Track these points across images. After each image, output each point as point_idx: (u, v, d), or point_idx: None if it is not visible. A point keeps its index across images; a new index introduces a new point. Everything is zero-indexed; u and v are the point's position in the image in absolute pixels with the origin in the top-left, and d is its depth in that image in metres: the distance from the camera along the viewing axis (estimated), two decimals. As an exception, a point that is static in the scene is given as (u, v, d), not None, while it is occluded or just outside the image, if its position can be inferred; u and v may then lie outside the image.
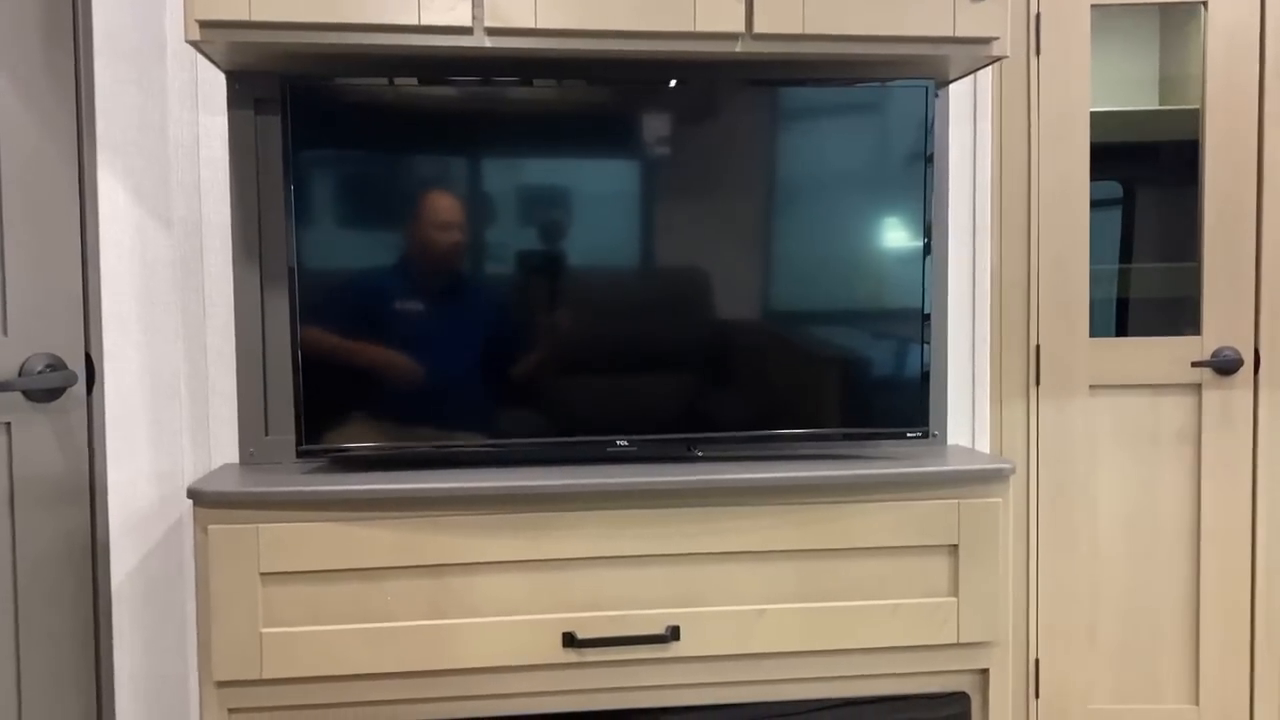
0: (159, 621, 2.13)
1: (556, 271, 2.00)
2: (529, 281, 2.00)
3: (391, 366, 1.95)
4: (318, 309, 1.92)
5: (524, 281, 2.00)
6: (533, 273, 2.00)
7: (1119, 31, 2.85)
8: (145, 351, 2.08)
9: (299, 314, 1.91)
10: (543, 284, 2.00)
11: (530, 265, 2.00)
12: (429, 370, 1.97)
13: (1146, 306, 2.80)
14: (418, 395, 1.97)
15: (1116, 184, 2.95)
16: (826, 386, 2.07)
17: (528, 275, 2.00)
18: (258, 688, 1.82)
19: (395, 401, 1.96)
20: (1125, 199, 2.92)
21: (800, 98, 2.01)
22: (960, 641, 1.97)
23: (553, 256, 1.99)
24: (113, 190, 2.04)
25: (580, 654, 1.87)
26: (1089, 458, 2.59)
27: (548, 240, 1.99)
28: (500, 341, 2.00)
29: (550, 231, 1.99)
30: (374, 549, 1.82)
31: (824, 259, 2.05)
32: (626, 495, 1.87)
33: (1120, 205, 2.92)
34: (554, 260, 2.00)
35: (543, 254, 1.99)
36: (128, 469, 2.08)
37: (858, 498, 1.93)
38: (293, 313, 1.91)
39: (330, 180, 1.92)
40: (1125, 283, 2.84)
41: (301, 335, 1.91)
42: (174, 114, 2.07)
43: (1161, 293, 2.78)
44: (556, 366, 2.01)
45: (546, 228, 1.98)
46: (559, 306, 2.01)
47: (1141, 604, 2.61)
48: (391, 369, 1.95)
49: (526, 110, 1.96)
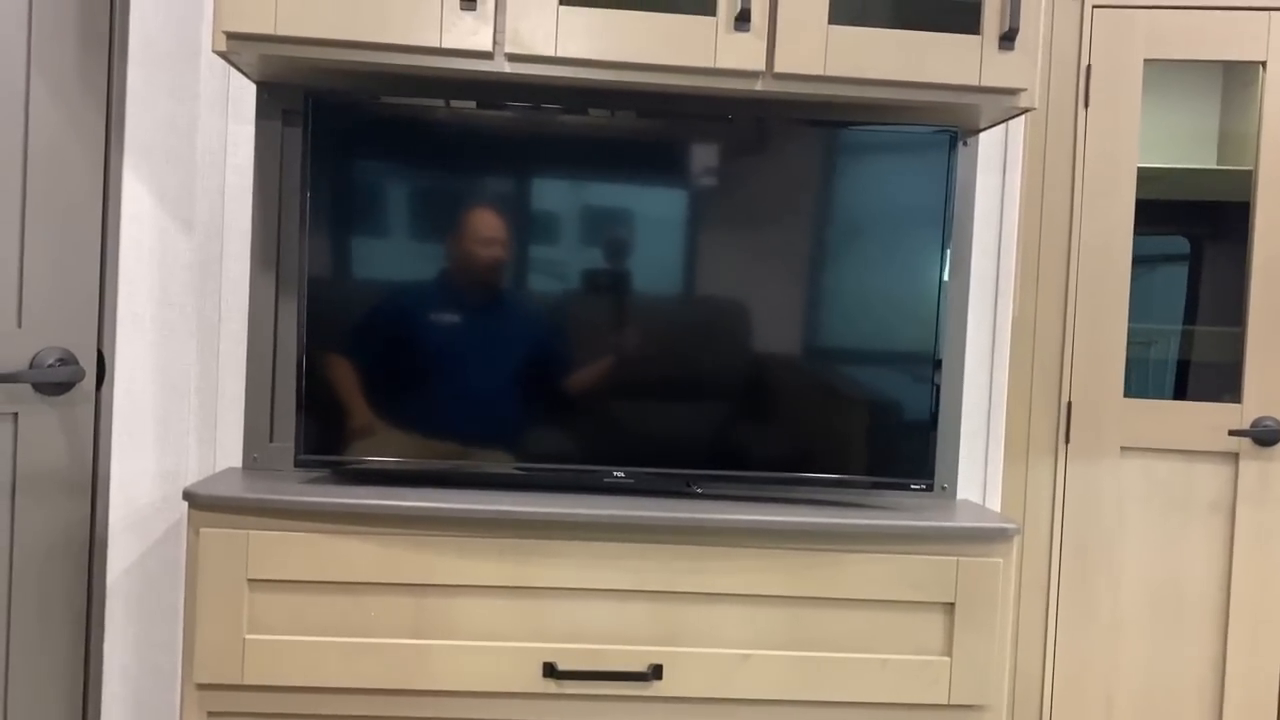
0: (152, 619, 2.15)
1: (560, 298, 2.00)
2: (546, 306, 2.01)
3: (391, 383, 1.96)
4: (325, 319, 1.94)
5: (526, 307, 2.01)
6: (535, 298, 2.01)
7: (1179, 87, 2.79)
8: (158, 351, 2.12)
9: (306, 323, 1.93)
10: (544, 310, 2.01)
11: (533, 290, 2.00)
12: (431, 389, 1.98)
13: (1204, 370, 2.72)
14: (415, 414, 1.98)
15: (1183, 239, 2.89)
16: (835, 432, 2.04)
17: (547, 300, 2.01)
18: (238, 693, 1.83)
19: (392, 418, 1.97)
20: (1193, 256, 2.85)
21: (830, 140, 1.99)
22: (951, 703, 1.91)
23: (558, 281, 2.00)
24: (137, 192, 2.09)
25: (560, 685, 1.86)
26: (1116, 521, 2.52)
27: (559, 268, 1.99)
28: (501, 365, 2.00)
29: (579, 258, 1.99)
30: (359, 564, 1.82)
31: (836, 302, 2.02)
32: (615, 527, 1.85)
33: (1187, 262, 2.85)
34: (558, 285, 2.00)
35: (550, 279, 2.00)
36: (132, 466, 2.12)
37: (853, 547, 1.89)
38: (300, 322, 1.93)
39: (347, 193, 1.94)
40: (1189, 344, 2.77)
41: (307, 345, 1.93)
42: (204, 121, 2.11)
43: (1213, 357, 2.71)
44: (554, 394, 2.01)
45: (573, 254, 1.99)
46: (559, 333, 2.01)
47: (1163, 677, 2.53)
48: (391, 386, 1.96)
49: (549, 135, 1.97)
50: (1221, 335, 2.65)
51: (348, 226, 1.95)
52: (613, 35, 1.85)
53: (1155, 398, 2.64)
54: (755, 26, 1.86)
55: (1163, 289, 2.86)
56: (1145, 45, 2.49)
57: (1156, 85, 2.57)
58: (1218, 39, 2.49)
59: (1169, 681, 2.53)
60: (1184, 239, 2.87)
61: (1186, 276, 2.86)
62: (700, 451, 2.02)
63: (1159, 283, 2.86)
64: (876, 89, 1.90)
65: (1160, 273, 2.86)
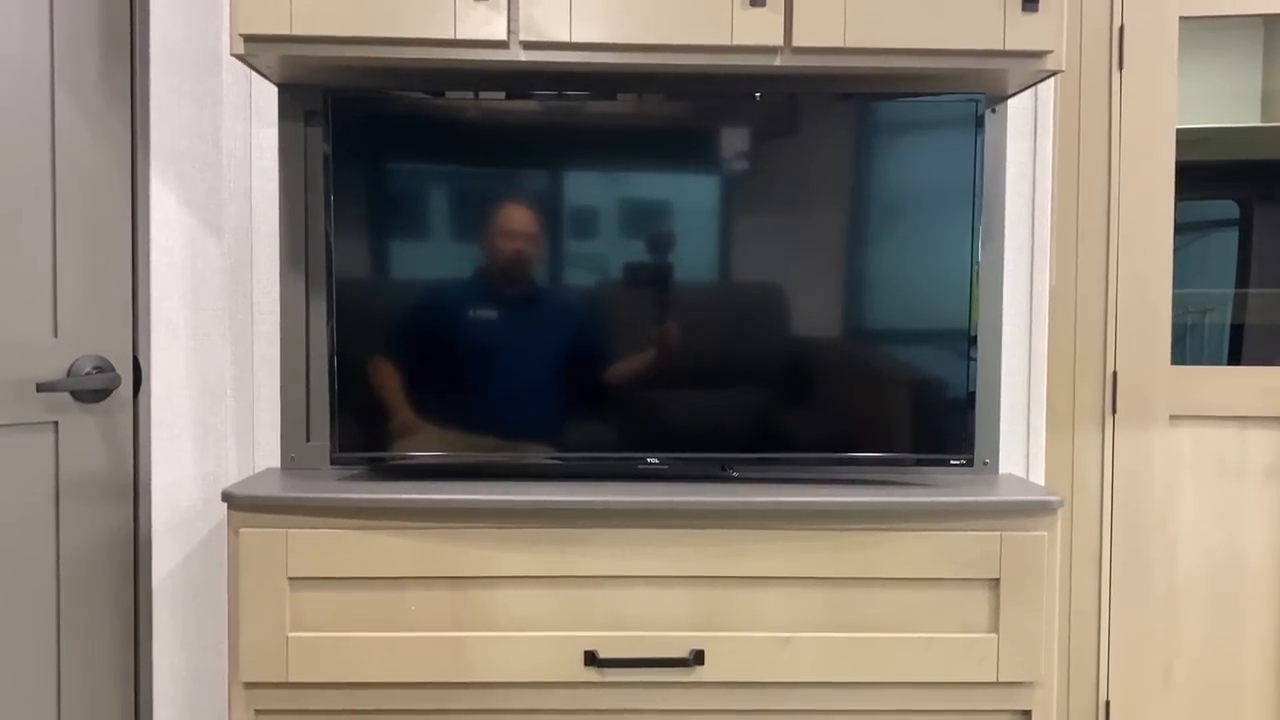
0: (198, 620, 2.18)
1: (593, 287, 2.00)
2: (565, 298, 2.00)
3: (424, 379, 1.96)
4: (355, 317, 1.94)
5: (560, 298, 2.00)
6: (568, 289, 2.00)
7: (1218, 45, 2.72)
8: (192, 356, 2.14)
9: (336, 322, 1.94)
10: (578, 300, 2.00)
11: (567, 280, 1.99)
12: (464, 383, 1.98)
13: (1259, 333, 2.65)
14: (452, 407, 1.98)
15: (1232, 203, 2.82)
16: (870, 410, 2.01)
17: (565, 291, 2.00)
18: (283, 690, 1.85)
19: (427, 413, 1.97)
20: (1242, 219, 2.78)
21: (847, 113, 1.96)
22: (1000, 680, 1.88)
23: (591, 271, 1.99)
24: (165, 198, 2.11)
25: (601, 673, 1.85)
26: (1168, 492, 2.46)
27: (587, 259, 1.98)
28: (534, 358, 1.99)
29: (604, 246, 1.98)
30: (399, 559, 1.83)
31: (871, 278, 1.99)
32: (653, 514, 1.85)
33: (1237, 226, 2.78)
34: (591, 275, 1.99)
35: (585, 270, 1.99)
36: (173, 470, 2.14)
37: (893, 525, 1.86)
38: (329, 321, 1.94)
39: (370, 190, 1.94)
40: (1241, 308, 2.70)
41: (338, 343, 1.94)
42: (227, 125, 2.13)
43: (1269, 319, 2.64)
44: (588, 384, 2.00)
45: (605, 243, 1.97)
46: (594, 322, 2.00)
47: (1222, 647, 2.47)
48: (424, 381, 1.96)
49: (577, 124, 1.96)
50: (1276, 297, 2.58)
51: (373, 224, 1.95)
52: (627, 17, 1.83)
53: (1210, 364, 2.57)
54: (771, 1, 1.83)
55: (1216, 254, 2.79)
56: (1180, 2, 2.42)
57: (1193, 44, 2.50)
58: (1255, -8, 2.42)
59: (1229, 651, 2.47)
60: (1232, 202, 2.79)
61: (1237, 239, 2.79)
62: (735, 435, 2.01)
63: (1212, 248, 2.78)
64: (898, 58, 1.86)
65: (1213, 238, 2.79)
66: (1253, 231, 2.76)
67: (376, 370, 1.96)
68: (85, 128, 1.98)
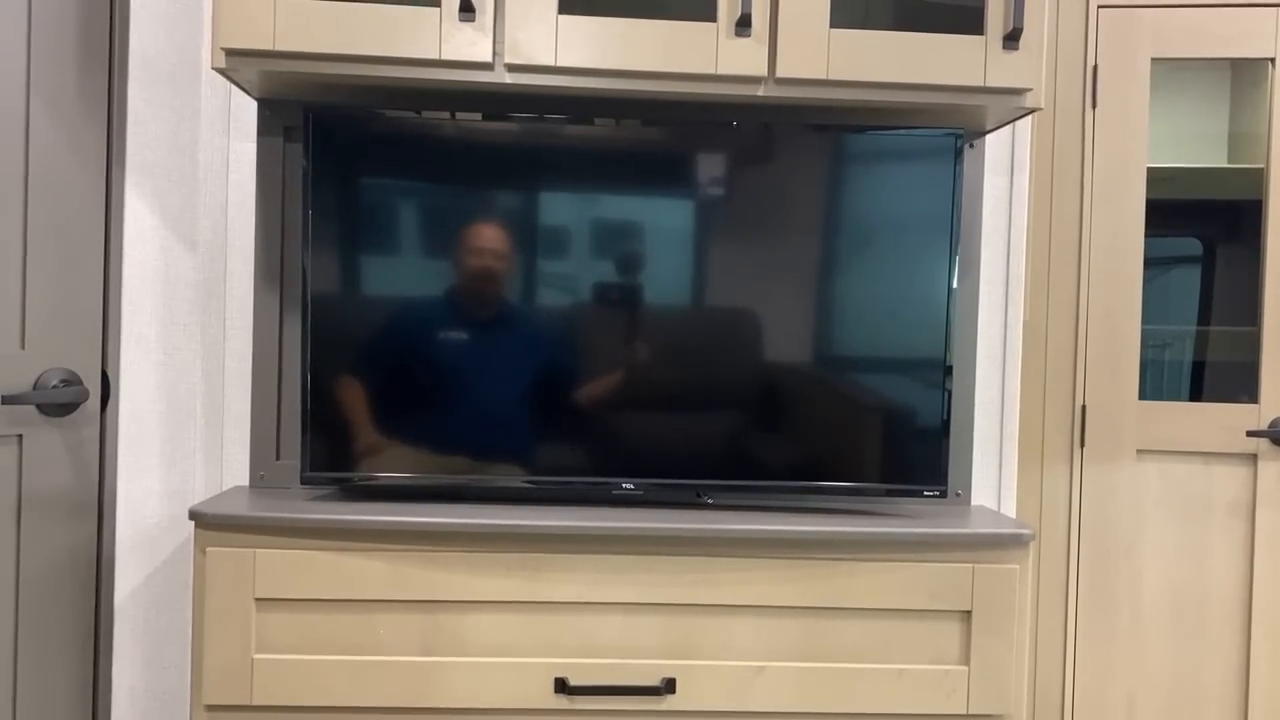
0: (160, 640, 2.14)
1: (582, 312, 1.98)
2: (552, 320, 1.99)
3: (396, 400, 1.95)
4: (329, 336, 1.93)
5: (547, 320, 1.99)
6: (542, 311, 1.99)
7: (1187, 86, 2.76)
8: (163, 371, 2.11)
9: (310, 340, 1.92)
10: (552, 323, 1.99)
11: (541, 303, 1.98)
12: (437, 405, 1.96)
13: (1219, 370, 2.68)
14: (424, 429, 1.96)
15: (1196, 241, 2.86)
16: (847, 440, 2.01)
17: (552, 313, 1.99)
18: (247, 713, 1.81)
19: (401, 434, 1.96)
20: (1206, 257, 2.82)
21: (835, 144, 1.97)
22: (970, 713, 1.88)
23: (566, 293, 1.98)
24: (139, 211, 2.08)
25: (571, 700, 1.83)
26: (1134, 525, 2.48)
27: (563, 281, 1.97)
28: (508, 380, 1.98)
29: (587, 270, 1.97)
30: (368, 581, 1.81)
31: (848, 307, 2.00)
32: (626, 540, 1.83)
33: (1200, 263, 2.82)
34: (566, 298, 1.98)
35: (558, 291, 1.98)
36: (138, 486, 2.10)
37: (867, 555, 1.86)
38: (304, 338, 1.92)
39: (348, 208, 1.93)
40: (1203, 345, 2.73)
41: (311, 362, 1.92)
42: (205, 138, 2.11)
43: (1222, 356, 2.67)
44: (562, 407, 1.99)
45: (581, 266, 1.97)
46: (568, 346, 1.99)
47: (1186, 682, 2.49)
48: (397, 402, 1.95)
49: (555, 147, 1.95)
50: (1236, 335, 2.62)
51: (350, 242, 1.94)
52: (613, 43, 1.84)
53: (1171, 399, 2.60)
54: (756, 31, 1.84)
55: (1178, 291, 2.83)
56: (1152, 44, 2.46)
57: (1164, 85, 2.54)
58: (1225, 36, 2.46)
59: (1192, 687, 2.49)
60: (1196, 239, 2.83)
61: (1200, 277, 2.83)
62: (710, 462, 2.00)
63: (1174, 284, 2.82)
64: (880, 92, 1.88)
65: (1175, 275, 2.83)
66: (1215, 270, 2.80)
67: (349, 389, 1.94)
68: (59, 136, 1.95)
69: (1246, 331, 2.54)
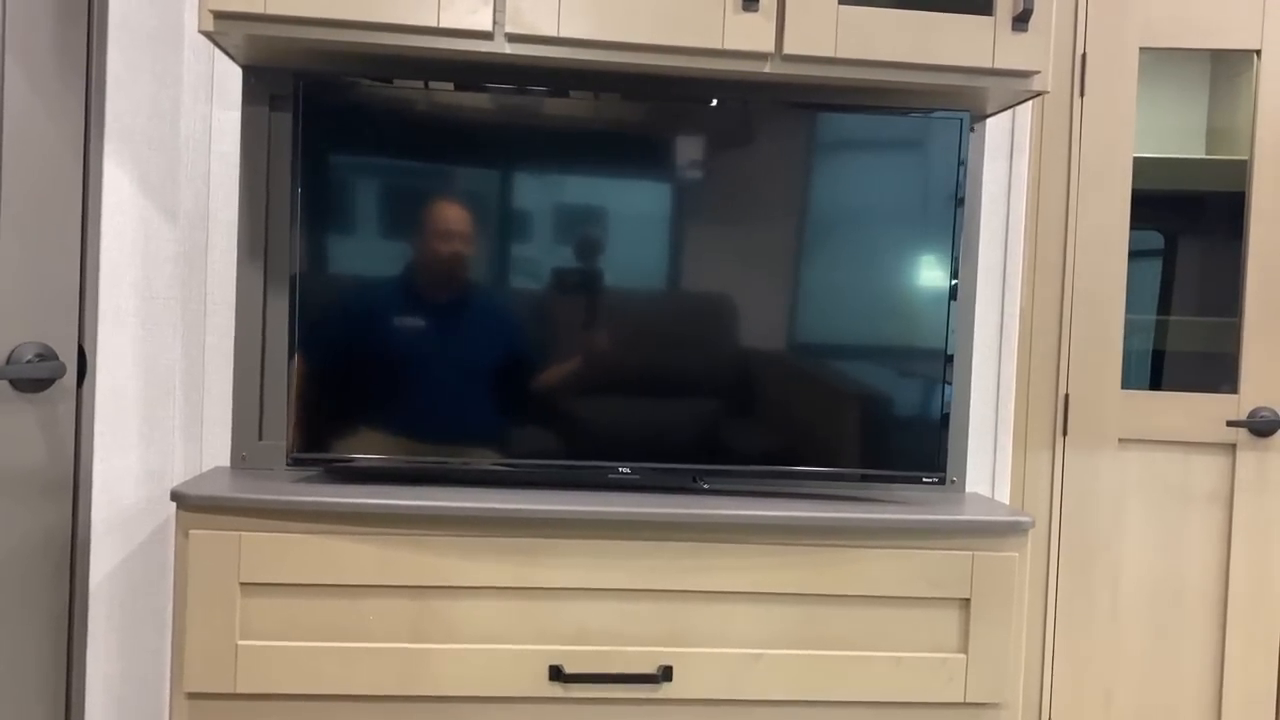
0: (137, 625, 2.08)
1: (568, 291, 1.94)
2: (539, 300, 1.94)
3: (388, 381, 1.89)
4: (317, 315, 1.87)
5: (534, 300, 1.94)
6: (543, 292, 1.93)
7: (1167, 77, 2.77)
8: (141, 346, 2.04)
9: (298, 318, 1.86)
10: (552, 304, 1.94)
11: (542, 284, 1.93)
12: (428, 386, 1.91)
13: (1182, 360, 2.70)
14: (416, 410, 1.92)
15: (1157, 234, 2.87)
16: (842, 424, 1.99)
17: (538, 294, 1.94)
18: (230, 702, 1.77)
19: (392, 415, 1.91)
20: (1166, 249, 2.83)
21: (831, 124, 1.94)
22: (967, 701, 1.87)
23: (566, 275, 1.93)
24: (118, 180, 2.01)
25: (566, 689, 1.80)
26: (1115, 514, 2.49)
27: (561, 259, 1.93)
28: (505, 360, 1.94)
29: (569, 250, 1.93)
30: (357, 566, 1.76)
31: (847, 293, 1.97)
32: (622, 525, 1.80)
33: (1161, 255, 2.83)
34: (567, 279, 1.93)
35: (556, 272, 1.93)
36: (115, 465, 2.04)
37: (867, 542, 1.84)
38: (292, 317, 1.86)
39: (340, 183, 1.87)
40: (1162, 334, 2.75)
41: (299, 340, 1.86)
42: (187, 105, 2.04)
43: (1198, 347, 2.69)
44: (559, 388, 1.95)
45: (563, 246, 1.92)
46: (567, 327, 1.95)
47: (1162, 670, 2.50)
48: (388, 383, 1.89)
49: (553, 124, 1.90)
50: (1195, 325, 2.63)
51: (342, 218, 1.88)
52: (617, 15, 1.79)
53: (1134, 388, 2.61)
54: (764, 7, 1.80)
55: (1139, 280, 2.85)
56: (1141, 33, 2.46)
57: (1146, 75, 2.54)
58: (1211, 27, 2.47)
59: (1168, 677, 2.50)
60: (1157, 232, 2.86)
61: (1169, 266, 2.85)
62: (708, 446, 1.97)
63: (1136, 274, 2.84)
64: (887, 71, 1.85)
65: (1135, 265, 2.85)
66: (1176, 262, 2.82)
67: (339, 369, 1.88)
68: (35, 100, 1.87)
69: (1212, 322, 2.56)
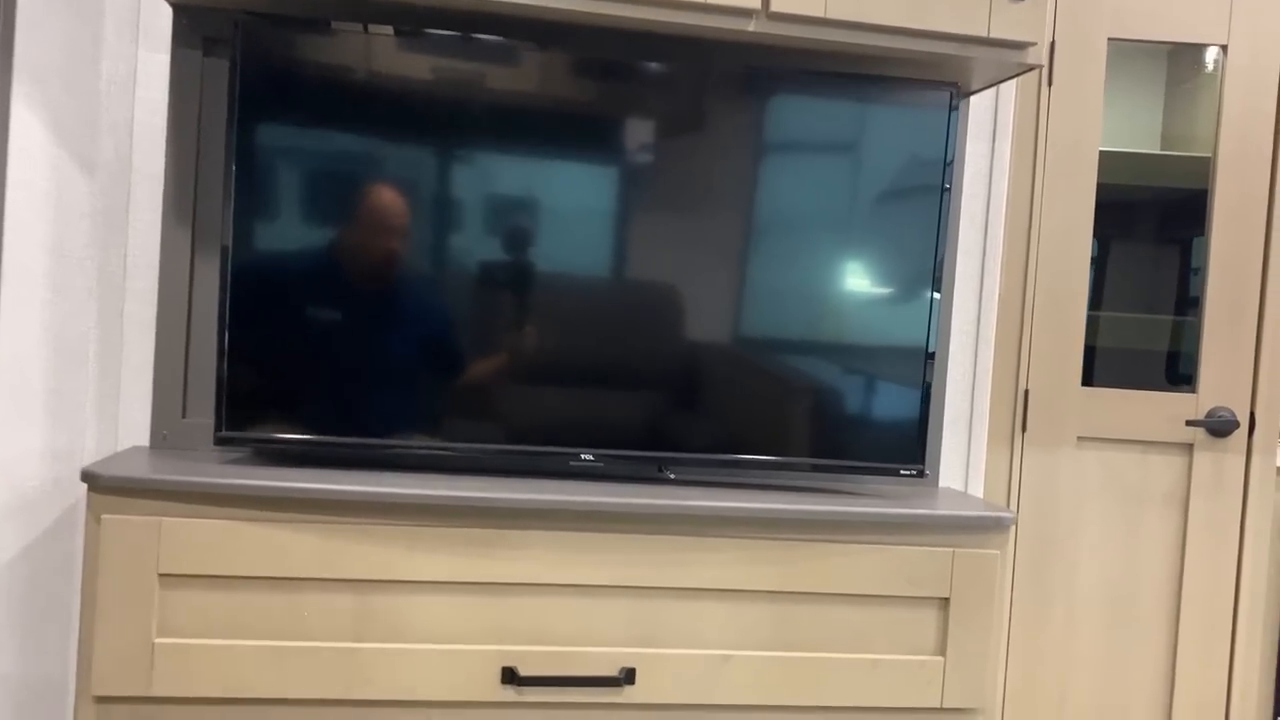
0: (39, 621, 1.93)
1: (519, 270, 1.83)
2: (489, 279, 1.83)
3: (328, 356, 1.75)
4: (253, 281, 1.73)
5: (484, 279, 1.83)
6: (493, 270, 1.82)
7: (1126, 71, 2.75)
8: (50, 310, 1.89)
9: (229, 288, 1.73)
10: (504, 282, 1.83)
11: (490, 262, 1.82)
12: (372, 362, 1.79)
13: (1117, 357, 2.69)
14: (358, 388, 1.79)
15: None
16: (819, 415, 1.92)
17: (488, 272, 1.83)
18: (145, 705, 1.64)
19: (332, 393, 1.78)
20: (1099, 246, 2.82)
21: (811, 94, 1.85)
22: (944, 706, 1.80)
23: (515, 254, 1.83)
24: (28, 122, 1.85)
25: (520, 693, 1.70)
26: (1073, 513, 2.46)
27: (510, 237, 1.82)
28: (458, 339, 1.83)
29: (515, 230, 1.82)
30: (292, 556, 1.64)
31: (824, 281, 1.89)
32: (584, 516, 1.71)
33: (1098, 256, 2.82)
34: (516, 259, 1.83)
35: (505, 251, 1.82)
36: (17, 443, 1.89)
37: (842, 537, 1.76)
38: (223, 287, 1.74)
39: (282, 141, 1.73)
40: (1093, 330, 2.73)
41: (231, 309, 1.72)
42: (109, 45, 1.89)
43: (1135, 344, 2.68)
44: (518, 368, 1.84)
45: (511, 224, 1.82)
46: (522, 306, 1.84)
47: (1115, 671, 2.48)
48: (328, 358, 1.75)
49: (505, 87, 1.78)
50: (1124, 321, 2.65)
51: (283, 179, 1.74)
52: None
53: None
54: (752, -39, 1.70)
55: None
56: (1109, 23, 2.43)
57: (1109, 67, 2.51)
58: (1178, 20, 2.45)
59: (1121, 677, 2.49)
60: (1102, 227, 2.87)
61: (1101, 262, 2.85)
62: (676, 435, 1.88)
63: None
64: (878, 36, 1.78)
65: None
66: (1108, 258, 2.81)
67: (274, 341, 1.75)
68: (-66, 30, 1.69)
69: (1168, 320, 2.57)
